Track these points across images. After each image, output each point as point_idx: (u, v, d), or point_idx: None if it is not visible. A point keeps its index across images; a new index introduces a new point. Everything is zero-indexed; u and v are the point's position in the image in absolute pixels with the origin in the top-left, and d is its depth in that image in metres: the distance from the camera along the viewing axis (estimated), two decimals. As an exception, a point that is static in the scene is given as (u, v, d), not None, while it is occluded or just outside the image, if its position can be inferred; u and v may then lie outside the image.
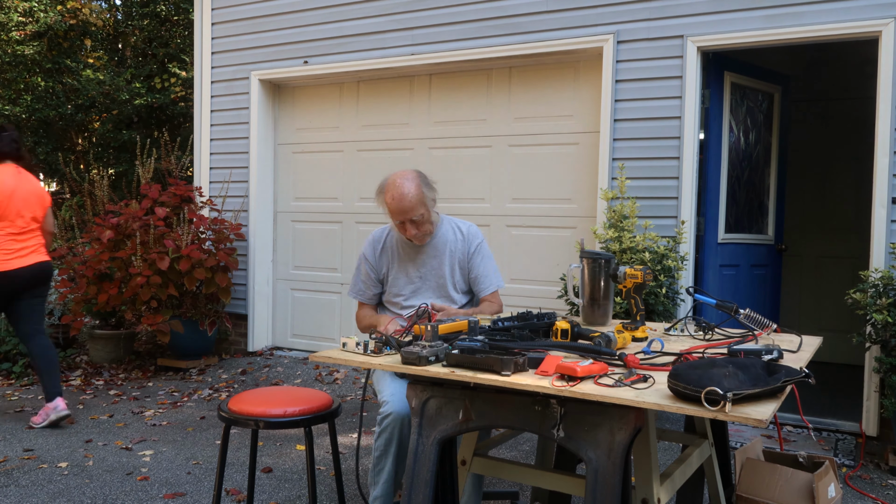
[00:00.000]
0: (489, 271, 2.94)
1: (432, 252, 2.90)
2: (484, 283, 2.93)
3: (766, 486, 2.38)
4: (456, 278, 2.92)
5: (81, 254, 5.88)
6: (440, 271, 2.90)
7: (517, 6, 4.94)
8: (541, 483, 2.13)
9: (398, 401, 2.54)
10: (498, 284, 2.95)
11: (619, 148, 4.64)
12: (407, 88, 5.60)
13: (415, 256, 2.90)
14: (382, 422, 2.56)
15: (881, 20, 3.97)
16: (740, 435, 4.10)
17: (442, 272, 2.90)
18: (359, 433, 2.61)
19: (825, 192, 6.35)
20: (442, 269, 2.90)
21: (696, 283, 4.63)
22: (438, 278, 2.90)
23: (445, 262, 2.90)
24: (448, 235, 2.93)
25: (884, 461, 3.73)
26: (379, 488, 2.57)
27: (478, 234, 2.98)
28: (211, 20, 6.20)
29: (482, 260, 2.93)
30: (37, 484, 3.35)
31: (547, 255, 5.02)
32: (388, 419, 2.54)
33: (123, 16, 13.21)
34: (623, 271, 2.39)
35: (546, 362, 1.73)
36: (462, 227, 2.97)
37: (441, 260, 2.90)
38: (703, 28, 4.39)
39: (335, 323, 5.89)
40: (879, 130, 4.00)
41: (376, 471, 2.59)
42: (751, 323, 2.30)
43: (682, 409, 1.47)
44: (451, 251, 2.91)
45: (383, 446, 2.55)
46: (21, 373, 5.39)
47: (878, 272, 3.83)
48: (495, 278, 2.95)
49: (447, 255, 2.91)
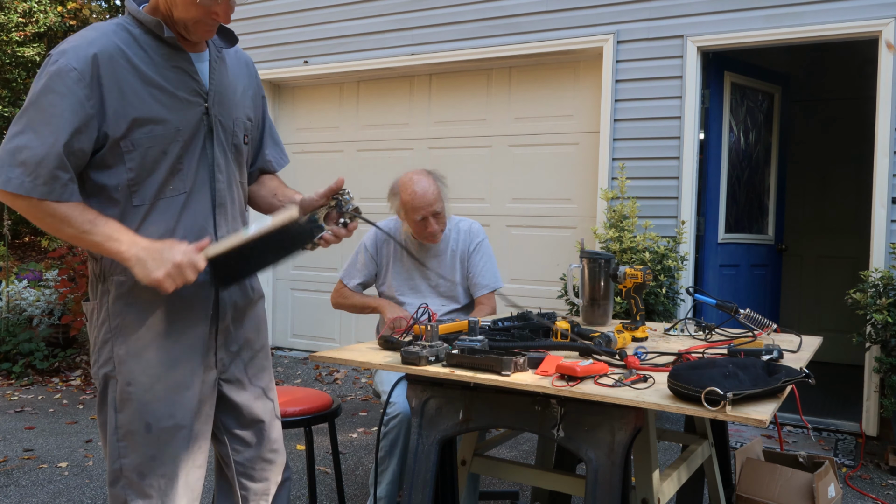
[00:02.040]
0: (486, 272, 2.90)
1: (434, 251, 2.89)
2: (480, 284, 2.89)
3: (766, 486, 2.38)
4: (458, 279, 2.90)
5: (81, 254, 5.88)
6: (441, 271, 2.89)
7: (517, 6, 4.94)
8: (541, 483, 2.12)
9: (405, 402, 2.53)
10: (495, 285, 2.91)
11: (619, 148, 4.64)
12: (407, 88, 5.60)
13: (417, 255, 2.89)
14: (389, 422, 2.54)
15: (881, 20, 3.97)
16: (740, 435, 4.10)
17: (443, 272, 2.89)
18: (378, 434, 2.61)
19: (825, 192, 6.35)
20: (443, 268, 2.89)
21: (696, 283, 4.63)
22: (439, 279, 2.88)
23: (446, 261, 2.89)
24: (450, 234, 2.91)
25: (884, 461, 3.73)
26: (383, 488, 2.57)
27: (479, 231, 2.95)
28: (211, 20, 6.20)
29: (481, 259, 2.90)
30: (37, 484, 3.36)
31: (547, 255, 5.02)
32: (395, 420, 2.53)
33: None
34: (623, 271, 2.39)
35: (546, 362, 1.73)
36: (464, 224, 2.95)
37: (442, 259, 2.89)
38: (703, 28, 4.39)
39: (335, 323, 5.89)
40: (879, 130, 4.00)
41: (380, 470, 2.58)
42: (751, 323, 2.30)
43: (682, 409, 1.47)
44: (453, 250, 2.90)
45: (388, 446, 2.55)
46: (21, 373, 5.39)
47: (878, 272, 3.83)
48: (492, 279, 2.90)
49: (448, 255, 2.89)
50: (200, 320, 1.71)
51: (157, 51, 1.61)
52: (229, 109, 1.73)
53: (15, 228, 12.24)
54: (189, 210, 1.66)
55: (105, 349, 1.66)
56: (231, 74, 1.78)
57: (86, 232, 1.53)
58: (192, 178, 1.66)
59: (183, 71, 1.64)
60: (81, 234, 1.54)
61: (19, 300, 5.80)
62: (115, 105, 1.55)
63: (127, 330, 1.65)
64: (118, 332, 1.65)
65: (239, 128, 1.76)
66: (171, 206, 1.63)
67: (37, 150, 1.49)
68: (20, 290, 5.89)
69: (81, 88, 1.51)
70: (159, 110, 1.59)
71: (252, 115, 1.82)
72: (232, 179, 1.75)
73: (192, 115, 1.65)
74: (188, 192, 1.65)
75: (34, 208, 1.51)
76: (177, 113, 1.62)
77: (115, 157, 1.58)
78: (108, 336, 1.66)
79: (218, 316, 1.73)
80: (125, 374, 1.64)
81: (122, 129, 1.56)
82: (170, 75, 1.62)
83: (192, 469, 1.71)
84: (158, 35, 1.60)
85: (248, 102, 1.81)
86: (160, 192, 1.62)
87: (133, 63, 1.57)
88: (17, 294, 5.83)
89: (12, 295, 5.79)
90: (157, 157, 1.60)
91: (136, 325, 1.65)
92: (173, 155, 1.62)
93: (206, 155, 1.68)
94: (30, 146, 1.49)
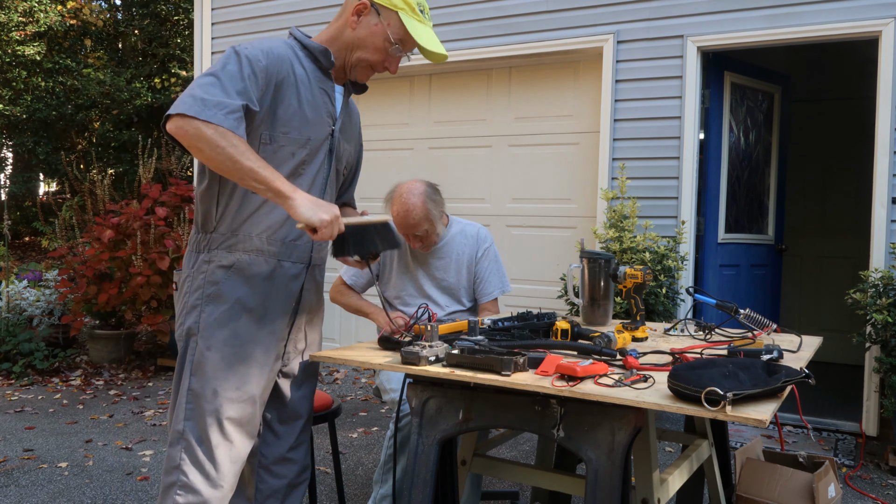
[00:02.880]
0: (492, 277, 2.90)
1: (437, 255, 2.88)
2: (485, 291, 2.90)
3: (766, 486, 2.38)
4: (462, 283, 2.89)
5: (81, 254, 5.88)
6: (444, 274, 2.88)
7: (517, 6, 4.94)
8: (541, 483, 2.13)
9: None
10: (501, 290, 2.92)
11: (619, 148, 4.64)
12: (407, 88, 5.60)
13: (420, 258, 2.88)
14: (403, 418, 2.52)
15: (881, 20, 3.97)
16: (740, 435, 4.10)
17: (447, 275, 2.88)
18: (395, 432, 2.61)
19: (825, 192, 6.35)
20: (447, 272, 2.88)
21: (696, 283, 4.63)
22: (441, 281, 2.88)
23: (451, 266, 2.88)
24: (456, 238, 2.90)
25: (884, 461, 3.73)
26: (388, 487, 2.58)
27: (487, 237, 2.95)
28: (211, 20, 6.20)
29: (489, 264, 2.90)
30: (37, 484, 3.36)
31: (547, 255, 5.02)
32: (404, 420, 2.52)
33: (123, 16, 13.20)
34: (623, 271, 2.39)
35: (546, 362, 1.73)
36: (471, 229, 2.94)
37: (446, 262, 2.88)
38: (703, 28, 4.39)
39: (335, 323, 5.89)
40: (879, 130, 4.00)
41: (386, 468, 2.59)
42: (751, 323, 2.30)
43: (682, 409, 1.47)
44: (458, 254, 2.88)
45: (402, 444, 2.54)
46: (21, 373, 5.39)
47: (878, 272, 3.83)
48: (498, 284, 2.91)
49: (453, 259, 2.88)
50: (283, 311, 1.88)
51: (312, 72, 1.88)
52: (344, 140, 2.00)
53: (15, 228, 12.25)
54: None
55: (193, 313, 1.81)
56: (352, 115, 2.07)
57: (262, 167, 1.67)
58: (308, 184, 1.86)
59: (326, 94, 1.90)
60: (257, 168, 1.66)
61: (19, 300, 5.80)
62: (273, 99, 1.78)
63: (219, 300, 1.80)
64: (210, 299, 1.80)
65: (343, 158, 2.01)
66: None
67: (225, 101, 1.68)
68: (20, 290, 5.89)
69: (261, 70, 1.75)
70: (301, 118, 1.83)
71: (353, 156, 2.09)
72: (332, 195, 1.99)
73: (323, 131, 1.89)
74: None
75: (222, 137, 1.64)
76: (312, 126, 1.86)
77: (252, 143, 1.77)
78: (199, 302, 1.81)
79: (297, 311, 1.91)
80: (206, 339, 1.79)
81: (268, 121, 1.78)
82: (316, 94, 1.87)
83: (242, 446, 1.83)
84: (318, 60, 1.87)
85: (353, 144, 2.08)
86: None
87: (296, 73, 1.83)
88: (17, 294, 5.83)
89: (12, 295, 5.79)
90: (286, 157, 1.82)
91: (228, 298, 1.80)
92: (298, 158, 1.84)
93: (324, 168, 1.92)
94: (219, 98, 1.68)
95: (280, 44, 1.84)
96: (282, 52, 1.81)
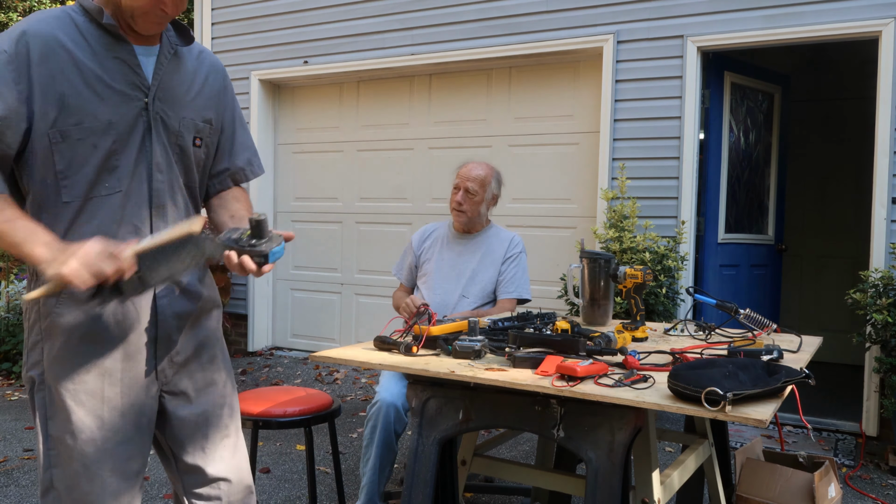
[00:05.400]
0: (515, 279, 3.03)
1: (471, 248, 3.07)
2: (506, 288, 3.02)
3: (766, 487, 2.38)
4: (484, 280, 3.02)
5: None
6: (469, 266, 3.03)
7: (517, 6, 4.94)
8: (541, 483, 2.13)
9: (386, 391, 2.67)
10: (519, 294, 3.04)
11: (619, 148, 4.64)
12: (407, 88, 5.60)
13: (455, 250, 3.07)
14: (369, 411, 2.69)
15: (881, 20, 3.97)
16: (740, 435, 4.10)
17: (470, 268, 3.03)
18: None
19: (825, 192, 6.35)
20: (471, 265, 3.03)
21: (696, 283, 4.63)
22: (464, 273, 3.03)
23: (475, 260, 3.04)
24: (490, 239, 3.09)
25: (884, 461, 3.73)
26: (366, 477, 2.68)
27: (519, 244, 3.11)
28: (211, 20, 6.20)
29: (514, 268, 3.04)
30: (36, 484, 3.35)
31: (547, 255, 5.02)
32: (374, 408, 2.67)
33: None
34: (623, 271, 2.39)
35: (546, 362, 1.73)
36: (506, 234, 3.13)
37: (473, 257, 3.05)
38: (703, 28, 4.39)
39: (335, 323, 5.89)
40: (879, 130, 4.00)
41: (364, 460, 2.70)
42: (751, 323, 2.30)
43: (682, 409, 1.47)
44: (486, 252, 3.05)
45: (369, 435, 2.68)
46: (21, 373, 5.39)
47: (878, 272, 3.83)
48: (520, 287, 3.04)
49: (480, 255, 3.05)
50: (137, 327, 1.58)
51: (98, 40, 1.51)
52: (176, 108, 1.61)
53: (15, 228, 12.20)
54: (126, 210, 1.55)
55: (35, 352, 1.57)
56: (186, 73, 1.65)
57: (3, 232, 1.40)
58: (128, 177, 1.54)
59: (123, 62, 1.53)
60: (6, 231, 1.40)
61: (19, 300, 5.80)
62: (44, 89, 1.46)
63: (56, 332, 1.54)
64: (48, 334, 1.54)
65: (187, 128, 1.63)
66: (104, 205, 1.53)
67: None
68: (20, 290, 5.89)
69: (10, 71, 1.43)
70: (91, 100, 1.49)
71: (212, 118, 1.70)
72: (175, 182, 1.63)
73: (129, 109, 1.54)
74: (124, 191, 1.54)
75: None
76: (111, 105, 1.51)
77: (43, 146, 1.48)
78: (39, 338, 1.56)
79: (157, 324, 1.61)
80: (53, 380, 1.55)
81: (51, 116, 1.47)
82: (108, 65, 1.52)
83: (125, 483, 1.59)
84: (100, 23, 1.51)
85: (204, 103, 1.68)
86: (92, 190, 1.52)
87: (68, 48, 1.48)
88: (17, 294, 5.83)
89: (12, 295, 5.79)
90: (87, 152, 1.50)
91: (67, 328, 1.53)
92: (104, 149, 1.51)
93: (146, 153, 1.57)
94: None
95: (44, 17, 1.50)
96: (41, 27, 1.47)
